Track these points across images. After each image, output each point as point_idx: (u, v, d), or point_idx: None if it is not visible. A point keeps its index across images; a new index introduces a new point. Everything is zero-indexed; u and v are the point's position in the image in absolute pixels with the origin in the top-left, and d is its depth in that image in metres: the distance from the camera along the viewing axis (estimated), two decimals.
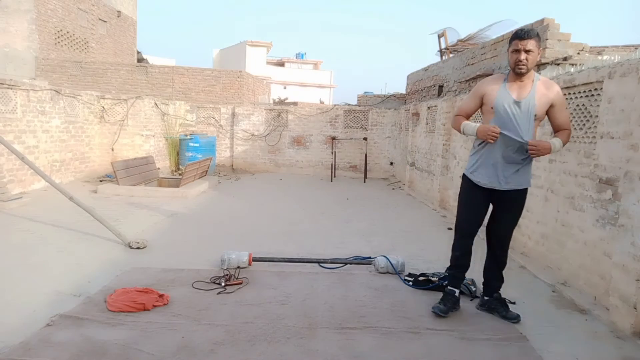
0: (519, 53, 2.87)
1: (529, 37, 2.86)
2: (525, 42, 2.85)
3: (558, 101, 2.96)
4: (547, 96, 2.94)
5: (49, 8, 15.21)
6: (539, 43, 2.92)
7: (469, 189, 3.17)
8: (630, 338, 2.85)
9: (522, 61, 2.87)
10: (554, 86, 2.98)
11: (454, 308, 3.19)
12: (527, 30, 2.90)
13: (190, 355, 2.49)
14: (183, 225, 5.65)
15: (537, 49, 2.91)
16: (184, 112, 12.10)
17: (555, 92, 2.96)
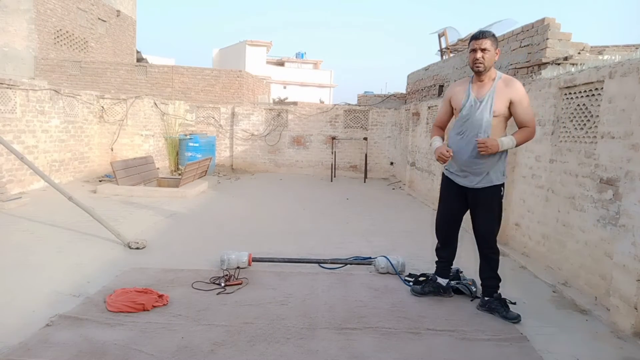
0: (476, 52, 3.04)
1: (484, 37, 3.04)
2: (481, 41, 3.03)
3: (517, 97, 3.04)
4: (506, 93, 3.05)
5: (48, 7, 15.19)
6: (494, 43, 3.07)
7: (445, 185, 3.38)
8: (630, 338, 2.84)
9: (479, 59, 3.03)
10: (514, 83, 3.08)
11: (435, 293, 3.43)
12: (483, 31, 3.09)
13: (189, 355, 2.48)
14: (182, 226, 5.64)
15: (494, 49, 3.05)
16: (183, 111, 12.09)
17: (514, 88, 3.06)
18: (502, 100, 3.05)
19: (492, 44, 3.04)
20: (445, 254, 3.48)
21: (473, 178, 3.16)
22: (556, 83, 4.21)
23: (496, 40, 3.10)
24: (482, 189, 3.16)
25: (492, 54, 3.04)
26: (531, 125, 3.10)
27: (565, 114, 4.09)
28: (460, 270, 3.79)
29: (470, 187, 3.19)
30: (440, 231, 3.47)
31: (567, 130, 4.05)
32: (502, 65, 6.99)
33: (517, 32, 6.60)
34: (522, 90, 3.08)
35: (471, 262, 3.89)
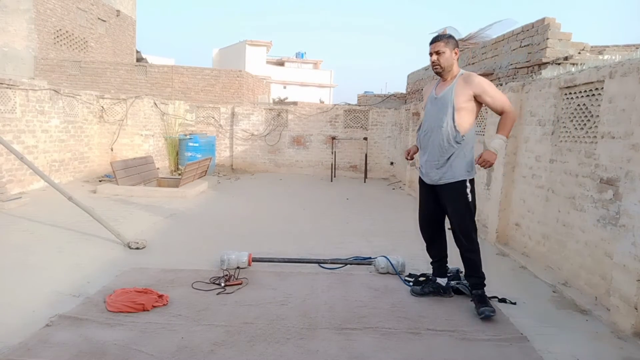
0: (432, 56, 3.20)
1: (436, 40, 3.18)
2: (434, 45, 3.17)
3: (479, 89, 3.11)
4: (466, 89, 3.12)
5: (48, 7, 15.19)
6: (449, 44, 3.16)
7: (419, 185, 3.49)
8: (631, 338, 2.84)
9: (435, 62, 3.18)
10: (472, 78, 3.16)
11: (435, 293, 3.44)
12: (437, 35, 3.22)
13: (189, 355, 2.48)
14: (182, 226, 5.63)
15: (450, 49, 3.16)
16: (183, 111, 12.09)
17: (474, 83, 3.13)
18: (462, 95, 3.12)
19: (446, 46, 3.15)
20: (435, 252, 3.52)
21: (436, 174, 3.22)
22: (556, 83, 4.20)
23: (452, 40, 3.19)
24: (446, 185, 3.20)
25: (448, 55, 3.16)
26: (507, 109, 3.13)
27: (566, 114, 4.09)
28: (460, 270, 3.79)
29: (436, 185, 3.26)
30: (423, 231, 3.53)
31: (567, 130, 4.05)
32: (502, 65, 6.99)
33: (517, 32, 6.60)
34: (481, 82, 3.14)
35: None
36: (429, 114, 3.27)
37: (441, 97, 3.20)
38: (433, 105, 3.25)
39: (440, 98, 3.20)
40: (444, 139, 3.15)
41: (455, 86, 3.16)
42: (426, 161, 3.28)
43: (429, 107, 3.29)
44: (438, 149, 3.18)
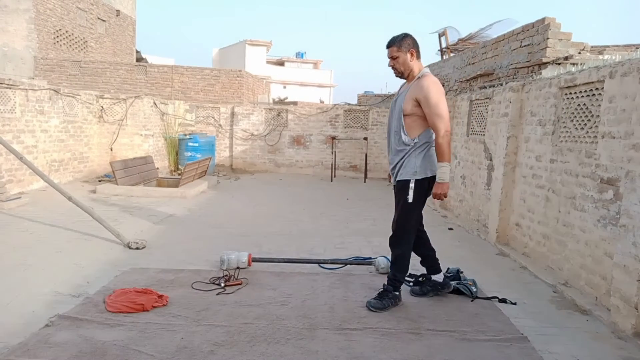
0: (389, 60, 3.20)
1: (389, 46, 3.16)
2: (388, 51, 3.17)
3: (421, 96, 3.02)
4: (414, 91, 3.07)
5: (48, 7, 15.18)
6: (402, 46, 3.11)
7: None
8: (631, 339, 2.83)
9: (392, 68, 3.20)
10: (422, 81, 3.06)
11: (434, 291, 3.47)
12: (390, 40, 3.16)
13: (189, 356, 2.47)
14: (182, 226, 5.63)
15: (404, 52, 3.11)
16: (183, 111, 12.08)
17: (420, 87, 3.04)
18: (409, 99, 3.07)
19: (399, 50, 3.11)
20: (420, 251, 3.54)
21: (394, 172, 3.29)
22: (556, 83, 4.20)
23: (405, 42, 3.11)
24: (397, 183, 3.27)
25: (403, 58, 3.12)
26: (437, 129, 3.01)
27: (566, 113, 4.09)
28: (460, 270, 3.79)
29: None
30: None
31: (567, 130, 4.05)
32: (502, 65, 6.99)
33: (517, 31, 6.60)
34: (426, 88, 3.00)
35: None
36: (390, 115, 3.33)
37: (397, 99, 3.25)
38: (391, 107, 3.32)
39: (396, 100, 3.25)
40: (396, 142, 3.21)
41: (409, 89, 3.13)
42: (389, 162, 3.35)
43: (390, 109, 3.34)
44: (394, 151, 3.25)
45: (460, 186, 6.63)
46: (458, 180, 6.75)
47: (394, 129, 3.22)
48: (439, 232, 5.85)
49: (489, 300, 3.43)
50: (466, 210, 6.36)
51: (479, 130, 6.10)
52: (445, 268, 4.00)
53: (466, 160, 6.43)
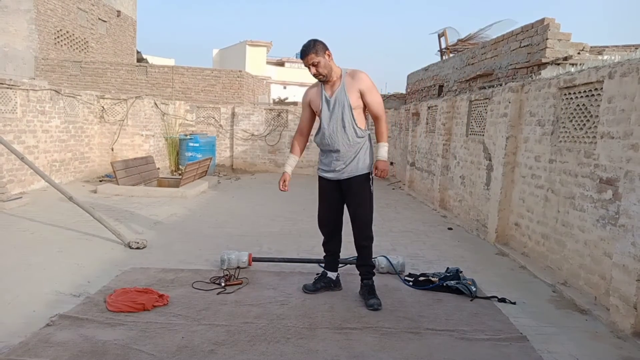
0: (310, 68, 3.19)
1: (306, 54, 3.15)
2: (307, 58, 3.15)
3: (364, 86, 3.20)
4: (354, 85, 3.19)
5: (49, 8, 15.21)
6: (319, 50, 3.15)
7: (320, 183, 3.50)
8: (630, 338, 2.84)
9: (316, 74, 3.19)
10: (359, 74, 3.23)
11: (327, 289, 3.51)
12: (304, 48, 3.17)
13: (190, 355, 2.48)
14: (183, 225, 5.64)
15: (322, 55, 3.15)
16: (183, 112, 12.10)
17: (360, 79, 3.21)
18: (353, 92, 3.20)
19: (317, 55, 3.14)
20: (331, 247, 3.57)
21: (342, 171, 3.30)
22: (556, 83, 4.21)
23: (318, 46, 3.16)
24: (353, 178, 3.29)
25: (324, 61, 3.16)
26: (381, 114, 3.29)
27: (565, 114, 4.10)
28: (459, 269, 3.80)
29: (342, 180, 3.33)
30: (324, 227, 3.56)
31: (566, 130, 4.06)
32: (501, 65, 7.00)
33: (516, 32, 6.61)
34: (366, 78, 3.23)
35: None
36: (326, 115, 3.27)
37: (335, 98, 3.23)
38: (328, 106, 3.26)
39: (335, 98, 3.23)
40: (349, 138, 3.23)
41: (346, 84, 3.21)
42: (333, 160, 3.32)
43: (325, 109, 3.27)
44: (346, 147, 3.25)
45: (460, 186, 6.64)
46: (457, 180, 6.76)
47: (345, 124, 3.21)
48: (438, 232, 5.86)
49: (488, 299, 3.44)
50: (465, 210, 6.37)
51: (478, 130, 6.11)
52: (444, 268, 4.02)
53: (465, 161, 6.44)
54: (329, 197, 3.46)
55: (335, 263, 3.61)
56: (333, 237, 3.57)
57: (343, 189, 3.39)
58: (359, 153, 3.28)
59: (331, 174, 3.35)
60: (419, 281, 3.72)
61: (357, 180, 3.29)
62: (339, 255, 3.64)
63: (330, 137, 3.26)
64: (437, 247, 5.08)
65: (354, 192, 3.33)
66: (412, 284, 3.71)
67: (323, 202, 3.52)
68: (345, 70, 3.27)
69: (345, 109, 3.21)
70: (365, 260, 3.43)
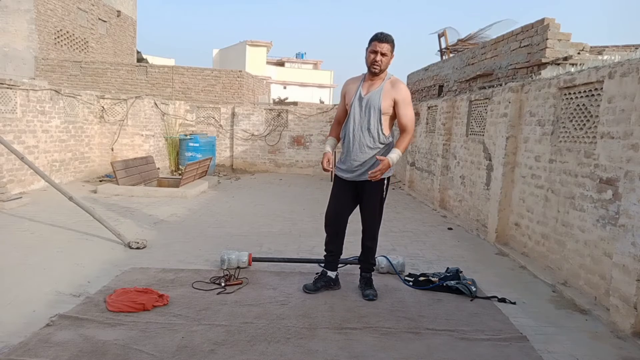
0: (376, 54, 3.17)
1: (386, 41, 3.17)
2: (383, 45, 3.16)
3: (400, 98, 3.24)
4: (391, 93, 3.23)
5: (49, 8, 15.20)
6: (393, 48, 3.22)
7: (336, 183, 3.54)
8: (630, 338, 2.84)
9: (377, 62, 3.18)
10: (399, 84, 3.29)
11: (327, 287, 3.53)
12: (386, 35, 3.20)
13: (190, 355, 2.48)
14: (183, 226, 5.64)
15: (391, 54, 3.22)
16: (183, 112, 12.10)
17: (399, 89, 3.26)
18: (388, 99, 3.23)
19: (391, 50, 3.20)
20: (334, 247, 3.59)
21: (361, 171, 3.31)
22: (556, 83, 4.21)
23: (394, 46, 3.23)
24: (368, 182, 3.28)
25: (389, 58, 3.22)
26: (410, 129, 3.26)
27: (565, 114, 4.10)
28: (459, 269, 3.80)
29: (358, 182, 3.36)
30: (330, 226, 3.57)
31: (566, 130, 4.06)
32: (501, 65, 6.99)
33: (516, 32, 6.60)
34: (405, 91, 3.28)
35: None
36: (356, 112, 3.30)
37: (369, 98, 3.25)
38: (360, 104, 3.29)
39: (368, 98, 3.25)
40: (371, 140, 3.26)
41: (384, 89, 3.24)
42: (352, 159, 3.33)
43: (355, 106, 3.30)
44: (366, 148, 3.28)
45: (460, 186, 6.64)
46: (457, 180, 6.76)
47: (369, 126, 3.25)
48: (438, 232, 5.86)
49: (488, 299, 3.44)
50: (465, 210, 6.37)
51: (478, 130, 6.11)
52: (444, 268, 4.02)
53: (465, 161, 6.44)
54: (341, 197, 3.47)
55: (336, 263, 3.62)
56: (336, 238, 3.58)
57: (359, 191, 3.41)
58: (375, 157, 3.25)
59: (349, 175, 3.38)
60: (419, 281, 3.72)
61: (373, 183, 3.28)
62: (340, 256, 3.66)
63: (354, 133, 3.30)
64: (437, 247, 5.08)
65: (369, 195, 3.37)
66: (412, 284, 3.71)
67: (334, 201, 3.53)
68: (389, 76, 3.30)
69: (374, 110, 3.23)
70: (368, 258, 3.55)
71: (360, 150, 3.28)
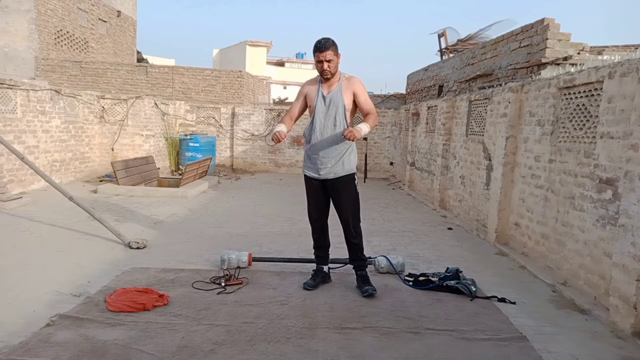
0: (322, 63, 3.30)
1: (326, 48, 3.27)
2: (325, 53, 3.27)
3: (358, 90, 3.43)
4: (350, 88, 3.41)
5: (49, 8, 15.21)
6: (336, 50, 3.33)
7: (307, 183, 3.60)
8: (630, 338, 2.84)
9: (326, 70, 3.31)
10: (353, 79, 3.46)
11: (325, 282, 3.64)
12: (324, 43, 3.28)
13: (190, 355, 2.49)
14: (183, 225, 5.65)
15: (336, 56, 3.33)
16: (183, 112, 12.11)
17: (354, 83, 3.43)
18: (348, 94, 3.41)
19: (334, 54, 3.31)
20: (323, 242, 3.68)
21: (329, 169, 3.41)
22: (555, 83, 4.21)
23: (336, 46, 3.33)
24: (338, 179, 3.43)
25: (336, 62, 3.34)
26: (373, 111, 3.44)
27: (565, 114, 4.10)
28: (459, 269, 3.81)
29: (328, 179, 3.44)
30: (314, 221, 3.65)
31: (566, 131, 4.06)
32: (501, 65, 7.00)
33: (516, 32, 6.61)
34: (360, 83, 3.47)
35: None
36: (321, 111, 3.41)
37: (331, 97, 3.39)
38: (324, 103, 3.41)
39: (331, 97, 3.39)
40: (338, 138, 3.35)
41: (343, 86, 3.40)
42: (319, 158, 3.42)
43: (319, 105, 3.42)
44: (333, 146, 3.38)
45: (460, 186, 6.64)
46: (457, 180, 6.76)
47: (336, 123, 3.37)
48: (438, 231, 5.87)
49: (488, 299, 3.44)
50: (465, 210, 6.37)
51: (478, 130, 6.12)
52: (444, 267, 4.02)
53: (465, 160, 6.44)
54: (314, 195, 3.58)
55: (327, 257, 3.73)
56: (323, 234, 3.68)
57: (328, 189, 3.51)
58: (344, 154, 3.41)
59: (316, 174, 3.47)
60: (419, 281, 3.72)
61: (342, 180, 3.43)
62: (328, 249, 3.75)
63: (321, 132, 3.41)
64: (436, 247, 5.08)
65: (340, 192, 3.47)
66: (412, 284, 3.71)
67: (312, 200, 3.64)
68: (343, 74, 3.46)
69: (339, 108, 3.38)
70: (356, 255, 3.59)
71: (328, 146, 3.39)
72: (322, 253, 3.70)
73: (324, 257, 3.71)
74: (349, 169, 3.45)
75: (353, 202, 3.50)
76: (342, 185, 3.45)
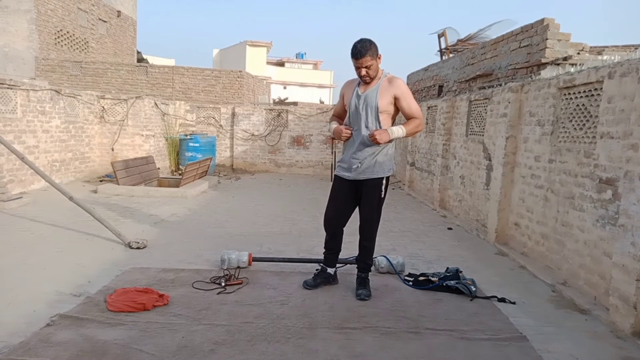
0: (361, 69, 3.19)
1: (363, 55, 3.12)
2: (362, 60, 3.13)
3: (400, 93, 3.24)
4: (390, 90, 3.23)
5: (49, 8, 15.21)
6: (374, 53, 3.16)
7: (337, 182, 3.53)
8: (630, 338, 2.85)
9: (365, 76, 3.21)
10: (396, 81, 3.28)
11: (326, 283, 3.60)
12: (360, 48, 3.13)
13: (190, 355, 2.49)
14: (183, 225, 5.65)
15: (375, 59, 3.18)
16: (184, 112, 12.10)
17: (397, 85, 3.25)
18: (386, 96, 3.22)
19: (372, 58, 3.15)
20: (334, 245, 3.63)
21: (360, 170, 3.32)
22: (555, 83, 4.21)
23: (374, 48, 3.17)
24: (368, 180, 3.33)
25: (375, 65, 3.20)
26: (418, 117, 3.29)
27: (565, 114, 4.10)
28: (459, 269, 3.81)
29: (358, 180, 3.36)
30: (330, 225, 3.59)
31: (566, 131, 4.06)
32: (501, 65, 7.00)
33: (516, 32, 6.61)
34: (403, 86, 3.28)
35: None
36: (354, 111, 3.33)
37: (365, 96, 3.26)
38: (357, 102, 3.30)
39: (365, 96, 3.26)
40: (369, 139, 3.23)
41: (380, 87, 3.24)
42: (350, 157, 3.35)
43: (353, 104, 3.32)
44: (365, 148, 3.28)
45: (460, 186, 6.65)
46: (457, 180, 6.76)
47: (367, 124, 3.26)
48: (438, 231, 5.87)
49: (488, 299, 3.44)
50: (465, 210, 6.37)
51: (478, 130, 6.12)
52: (444, 267, 4.02)
53: (465, 161, 6.44)
54: (340, 197, 3.48)
55: (335, 260, 3.67)
56: (336, 237, 3.63)
57: (359, 190, 3.42)
58: (377, 156, 3.29)
59: (349, 173, 3.38)
60: (419, 281, 3.72)
61: (371, 182, 3.33)
62: (339, 253, 3.70)
63: (353, 131, 3.33)
64: (437, 247, 5.08)
65: (366, 193, 3.38)
66: (412, 283, 3.71)
67: (333, 201, 3.54)
68: (385, 74, 3.31)
69: (371, 109, 3.24)
70: (365, 258, 3.55)
71: (359, 148, 3.31)
72: (331, 256, 3.64)
73: (332, 260, 3.64)
74: (379, 173, 3.31)
75: (374, 206, 3.40)
76: (367, 188, 3.35)
